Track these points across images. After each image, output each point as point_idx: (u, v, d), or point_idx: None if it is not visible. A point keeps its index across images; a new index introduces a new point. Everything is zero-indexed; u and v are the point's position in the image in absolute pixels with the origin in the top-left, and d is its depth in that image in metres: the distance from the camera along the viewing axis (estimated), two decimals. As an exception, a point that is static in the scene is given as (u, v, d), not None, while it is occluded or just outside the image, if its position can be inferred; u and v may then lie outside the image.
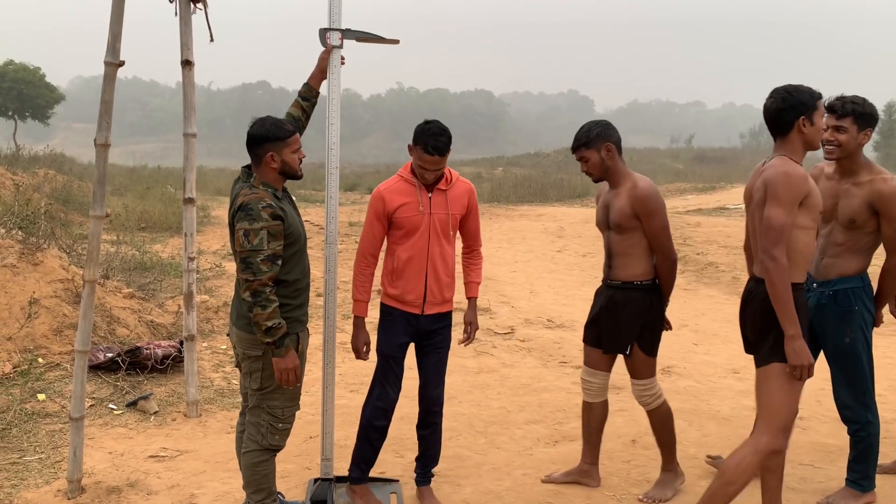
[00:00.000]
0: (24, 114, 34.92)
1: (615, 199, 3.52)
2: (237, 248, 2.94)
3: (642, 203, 3.41)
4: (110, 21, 3.58)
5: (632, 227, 3.46)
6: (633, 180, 3.48)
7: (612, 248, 3.59)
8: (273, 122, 3.05)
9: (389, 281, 3.45)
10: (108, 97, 3.62)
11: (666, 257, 3.48)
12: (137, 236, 10.73)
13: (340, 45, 3.49)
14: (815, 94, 2.94)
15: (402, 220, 3.37)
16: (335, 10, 3.47)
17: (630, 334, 3.55)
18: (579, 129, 3.56)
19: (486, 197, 23.08)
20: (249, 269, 2.89)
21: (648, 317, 3.54)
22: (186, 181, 4.63)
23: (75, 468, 3.69)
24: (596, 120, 3.58)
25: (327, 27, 3.47)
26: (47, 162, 19.23)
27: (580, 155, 3.54)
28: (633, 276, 3.52)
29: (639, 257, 3.50)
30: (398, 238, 3.41)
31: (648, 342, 3.57)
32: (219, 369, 5.72)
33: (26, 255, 6.03)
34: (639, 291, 3.53)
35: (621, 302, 3.56)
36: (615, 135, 3.52)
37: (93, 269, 3.68)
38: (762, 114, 3.03)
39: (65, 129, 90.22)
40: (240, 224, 2.91)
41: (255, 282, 2.89)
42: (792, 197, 2.82)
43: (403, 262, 3.40)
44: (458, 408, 5.02)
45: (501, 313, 7.69)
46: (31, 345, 5.43)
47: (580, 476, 3.84)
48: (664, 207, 3.47)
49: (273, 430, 3.17)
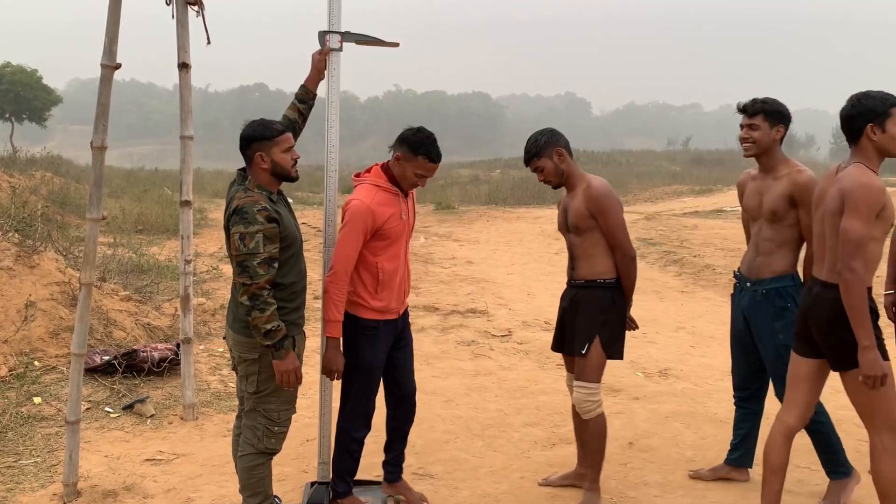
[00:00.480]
0: (21, 116, 34.84)
1: (572, 201, 3.56)
2: (233, 252, 2.93)
3: (596, 202, 3.44)
4: (107, 23, 3.58)
5: (589, 228, 3.49)
6: (587, 181, 3.53)
7: (574, 251, 3.62)
8: (261, 122, 3.06)
9: (372, 295, 3.34)
10: (104, 99, 3.61)
11: (624, 254, 3.50)
12: (134, 239, 10.71)
13: (340, 48, 3.48)
14: (888, 101, 2.92)
15: (389, 231, 3.30)
16: (335, 13, 3.46)
17: (589, 332, 3.53)
18: (527, 143, 3.61)
19: (484, 199, 23.11)
20: (246, 272, 2.88)
21: (609, 314, 3.54)
22: (183, 183, 4.63)
23: (71, 472, 3.68)
24: (540, 129, 3.63)
25: (326, 30, 3.46)
26: (44, 164, 19.19)
27: (534, 166, 3.58)
28: (595, 274, 3.54)
29: (600, 256, 3.53)
30: (380, 249, 3.31)
31: (609, 340, 3.55)
32: (215, 372, 5.71)
33: (23, 258, 6.02)
34: (601, 289, 3.54)
35: (583, 300, 3.58)
36: (562, 139, 3.58)
37: (89, 272, 3.67)
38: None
39: (62, 132, 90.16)
40: (235, 228, 2.90)
41: (252, 285, 2.88)
42: (870, 209, 2.84)
43: (389, 272, 3.34)
44: (456, 410, 5.02)
45: (499, 316, 7.69)
46: (27, 348, 5.42)
47: (577, 479, 3.83)
48: (619, 205, 3.51)
49: (269, 434, 3.16)
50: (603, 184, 3.51)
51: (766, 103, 3.54)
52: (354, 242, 3.23)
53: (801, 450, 4.32)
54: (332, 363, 3.32)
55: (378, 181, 3.33)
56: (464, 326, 7.24)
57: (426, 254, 11.87)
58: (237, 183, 3.08)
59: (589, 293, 3.57)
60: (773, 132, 3.52)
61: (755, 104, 3.55)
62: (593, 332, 3.53)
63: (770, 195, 3.53)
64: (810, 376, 3.18)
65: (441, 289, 9.07)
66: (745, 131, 3.57)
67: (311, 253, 5.31)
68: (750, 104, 3.57)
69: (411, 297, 8.48)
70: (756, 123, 3.53)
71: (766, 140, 3.53)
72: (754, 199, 3.63)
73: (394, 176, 3.35)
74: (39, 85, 34.62)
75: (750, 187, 3.70)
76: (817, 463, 4.09)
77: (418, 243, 13.11)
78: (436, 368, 6.00)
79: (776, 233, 3.53)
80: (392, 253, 3.35)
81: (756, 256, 3.63)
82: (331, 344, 3.30)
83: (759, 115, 3.53)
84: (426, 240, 13.54)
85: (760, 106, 3.54)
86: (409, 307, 3.65)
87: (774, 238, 3.55)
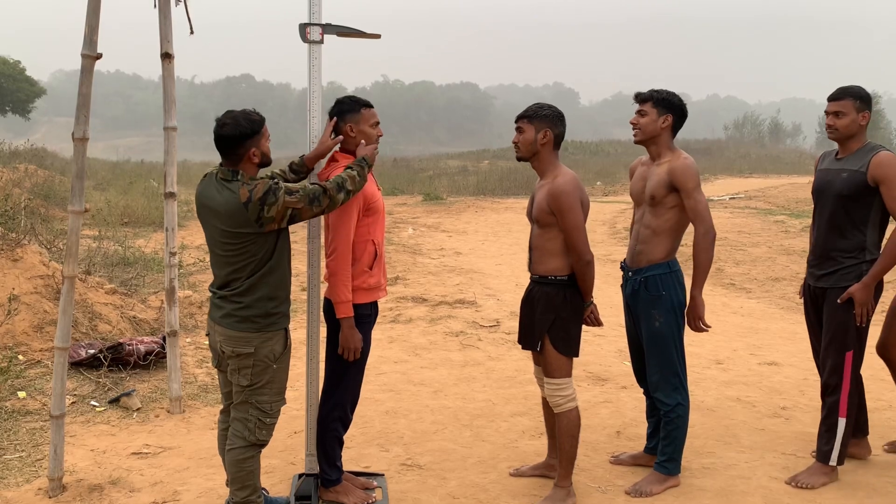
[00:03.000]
0: (5, 108, 34.51)
1: (538, 192, 3.50)
2: (299, 207, 2.99)
3: (556, 200, 3.34)
4: (87, 13, 3.53)
5: (549, 223, 3.41)
6: (554, 175, 3.44)
7: (532, 241, 3.56)
8: (244, 117, 3.02)
9: (368, 273, 3.36)
10: (85, 90, 3.56)
11: (579, 257, 3.37)
12: (120, 231, 10.64)
13: (321, 39, 3.45)
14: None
15: (376, 204, 3.36)
16: (315, 5, 3.43)
17: (540, 329, 3.47)
18: (535, 103, 3.54)
19: (472, 190, 23.08)
20: (317, 200, 3.01)
21: (561, 312, 3.43)
22: (167, 175, 4.59)
23: (56, 466, 3.65)
24: (555, 107, 3.52)
25: (307, 22, 3.43)
26: (28, 157, 19.02)
27: (519, 125, 3.49)
28: (548, 270, 3.46)
29: (556, 252, 3.43)
30: (372, 224, 3.35)
31: (561, 339, 3.43)
32: (202, 365, 5.68)
33: (5, 251, 5.96)
34: (552, 286, 3.45)
35: (537, 296, 3.51)
36: (560, 127, 3.48)
37: (72, 265, 3.64)
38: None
39: (46, 124, 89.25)
40: (277, 203, 2.94)
41: (327, 194, 3.03)
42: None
43: (380, 244, 3.40)
44: (444, 401, 5.02)
45: (487, 306, 7.69)
46: (10, 342, 5.37)
47: (547, 470, 3.83)
48: (578, 206, 3.36)
49: (261, 426, 3.15)
50: (567, 181, 3.37)
51: (658, 92, 3.63)
52: (350, 222, 3.27)
53: (787, 437, 4.37)
54: (350, 342, 3.31)
55: (344, 160, 3.35)
56: (452, 317, 7.24)
57: (414, 245, 11.85)
58: (228, 179, 3.02)
59: (541, 289, 3.49)
60: (660, 120, 3.60)
61: (646, 92, 3.66)
62: (542, 329, 3.46)
63: (651, 181, 3.62)
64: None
65: (429, 279, 9.06)
66: (634, 117, 3.67)
67: (298, 245, 5.28)
68: (640, 92, 3.68)
69: (399, 287, 8.48)
70: (644, 110, 3.62)
71: (651, 127, 3.62)
72: (639, 185, 3.73)
73: (355, 151, 3.37)
74: (22, 76, 34.29)
75: (637, 173, 3.80)
76: (803, 450, 4.14)
77: (406, 234, 13.09)
78: (424, 359, 6.00)
79: (655, 218, 3.62)
80: (380, 225, 3.42)
81: (636, 245, 3.72)
82: (345, 324, 3.29)
83: (648, 102, 3.62)
84: (414, 231, 13.52)
85: (649, 94, 3.63)
86: (397, 298, 3.66)
87: (652, 224, 3.64)
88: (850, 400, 3.66)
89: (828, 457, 3.71)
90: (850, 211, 3.64)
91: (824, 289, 3.74)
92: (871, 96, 3.74)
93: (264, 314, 3.07)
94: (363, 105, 3.40)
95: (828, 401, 3.73)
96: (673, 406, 3.64)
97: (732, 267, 10.00)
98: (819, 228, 3.79)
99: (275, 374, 3.15)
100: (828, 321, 3.72)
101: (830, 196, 3.70)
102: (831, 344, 3.70)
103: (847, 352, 3.65)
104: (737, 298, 8.15)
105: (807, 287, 3.94)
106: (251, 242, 3.00)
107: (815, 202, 3.84)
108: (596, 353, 6.06)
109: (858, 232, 3.64)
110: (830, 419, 3.71)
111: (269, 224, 2.97)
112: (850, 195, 3.62)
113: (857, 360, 3.67)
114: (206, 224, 3.10)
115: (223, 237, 3.03)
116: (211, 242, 3.12)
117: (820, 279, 3.77)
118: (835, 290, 3.68)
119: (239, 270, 3.04)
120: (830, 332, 3.70)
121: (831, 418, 3.70)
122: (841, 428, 3.68)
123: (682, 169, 3.53)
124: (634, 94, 3.70)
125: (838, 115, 3.67)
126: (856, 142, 3.69)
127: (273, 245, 3.05)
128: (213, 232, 3.08)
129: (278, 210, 2.95)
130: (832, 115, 3.71)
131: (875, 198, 3.58)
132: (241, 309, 3.05)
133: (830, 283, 3.70)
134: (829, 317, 3.72)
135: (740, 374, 5.65)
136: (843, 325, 3.64)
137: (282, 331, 3.16)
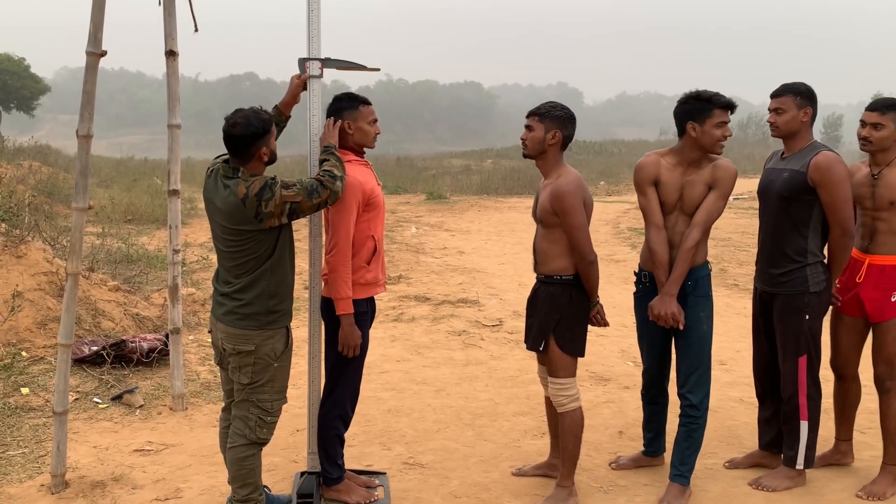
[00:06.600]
0: (9, 105, 34.58)
1: (542, 191, 3.49)
2: (297, 200, 2.98)
3: (559, 200, 3.33)
4: (91, 10, 3.53)
5: (553, 223, 3.40)
6: (558, 175, 3.42)
7: (537, 242, 3.55)
8: (255, 116, 3.01)
9: (365, 269, 3.35)
10: (90, 87, 3.57)
11: (582, 258, 3.37)
12: (123, 229, 10.66)
13: (320, 74, 3.42)
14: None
15: (377, 199, 3.36)
16: (314, 40, 3.39)
17: (545, 329, 3.47)
18: (549, 102, 3.51)
19: (475, 189, 23.05)
20: (316, 191, 3.00)
21: (566, 312, 3.44)
22: (171, 173, 4.59)
23: (59, 463, 3.66)
24: (568, 108, 3.50)
25: (307, 57, 3.40)
26: (32, 154, 19.05)
27: (530, 122, 3.47)
28: (554, 270, 3.45)
29: (560, 253, 3.42)
30: (371, 219, 3.35)
31: (566, 339, 3.44)
32: (205, 362, 5.68)
33: (9, 248, 5.97)
34: (558, 286, 3.45)
35: (542, 296, 3.51)
36: (569, 129, 3.46)
37: (75, 262, 3.64)
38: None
39: (51, 121, 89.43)
40: (274, 197, 2.93)
41: (326, 187, 3.03)
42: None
43: (380, 240, 3.40)
44: (446, 400, 5.02)
45: (490, 305, 7.69)
46: (14, 338, 5.38)
47: (549, 469, 3.83)
48: (580, 206, 3.34)
49: (262, 424, 3.16)
50: (571, 181, 3.36)
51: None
52: (350, 218, 3.26)
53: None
54: (350, 338, 3.31)
55: (349, 158, 3.35)
56: (455, 316, 7.24)
57: (417, 244, 11.85)
58: (229, 177, 3.02)
59: (546, 289, 3.49)
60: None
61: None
62: (547, 329, 3.46)
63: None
64: None
65: (432, 279, 9.05)
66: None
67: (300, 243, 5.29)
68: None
69: (402, 286, 8.48)
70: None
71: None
72: (674, 194, 3.54)
73: (356, 146, 3.38)
74: (27, 74, 34.36)
75: (668, 183, 3.58)
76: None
77: (409, 233, 13.08)
78: (426, 358, 6.00)
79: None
80: (380, 220, 3.42)
81: (671, 250, 3.56)
82: (346, 321, 3.29)
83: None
84: (417, 230, 13.52)
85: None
86: (400, 296, 3.66)
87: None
88: (810, 403, 3.61)
89: (793, 461, 3.68)
90: (792, 212, 3.53)
91: (772, 294, 3.66)
92: (814, 92, 3.59)
93: (265, 312, 3.07)
94: (361, 102, 3.40)
95: (786, 407, 3.67)
96: (702, 408, 3.59)
97: (736, 268, 9.97)
98: (764, 230, 3.70)
99: (276, 372, 3.15)
100: (777, 327, 3.66)
101: (773, 196, 3.60)
102: (784, 350, 3.64)
103: (800, 357, 3.59)
104: (740, 299, 8.13)
105: (755, 291, 3.86)
106: (252, 239, 3.00)
107: (760, 202, 3.73)
108: (598, 353, 6.05)
109: (799, 234, 3.54)
110: (791, 424, 3.66)
111: (269, 219, 2.97)
112: (790, 196, 3.52)
113: (812, 364, 3.60)
114: (212, 220, 3.12)
115: (225, 234, 3.04)
116: (215, 238, 3.14)
117: (767, 283, 3.69)
118: (782, 295, 3.60)
119: (240, 267, 3.05)
120: (782, 339, 3.64)
121: (792, 423, 3.66)
122: (804, 431, 3.63)
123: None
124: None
125: (778, 112, 3.59)
126: (800, 140, 3.58)
127: (274, 243, 3.05)
128: (217, 228, 3.09)
129: (276, 204, 2.94)
130: (773, 111, 3.62)
131: (816, 199, 3.48)
132: (243, 306, 3.05)
133: (777, 287, 3.62)
134: (778, 322, 3.65)
135: (743, 374, 5.64)
136: (794, 331, 3.58)
137: (283, 329, 3.16)
